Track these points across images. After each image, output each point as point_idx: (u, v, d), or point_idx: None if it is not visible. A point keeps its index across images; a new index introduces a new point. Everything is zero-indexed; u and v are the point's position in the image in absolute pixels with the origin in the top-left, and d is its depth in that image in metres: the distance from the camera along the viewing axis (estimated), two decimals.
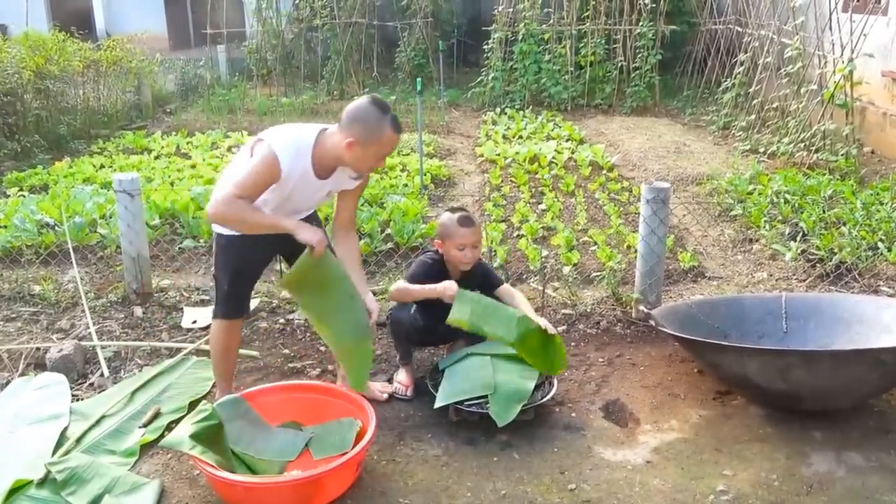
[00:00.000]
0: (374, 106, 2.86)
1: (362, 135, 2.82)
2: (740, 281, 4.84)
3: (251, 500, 2.72)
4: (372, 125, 2.83)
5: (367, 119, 2.84)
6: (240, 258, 3.10)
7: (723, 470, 2.96)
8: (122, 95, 10.47)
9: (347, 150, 2.84)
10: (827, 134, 7.54)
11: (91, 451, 3.10)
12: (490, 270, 3.71)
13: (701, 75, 11.94)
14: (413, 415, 3.35)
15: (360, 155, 2.86)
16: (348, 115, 2.86)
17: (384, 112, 2.86)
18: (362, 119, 2.83)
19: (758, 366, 3.10)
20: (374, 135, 2.84)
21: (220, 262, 3.12)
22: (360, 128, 2.83)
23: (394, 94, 11.88)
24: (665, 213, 4.05)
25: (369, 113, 2.84)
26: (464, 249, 3.42)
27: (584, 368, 3.76)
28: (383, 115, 2.85)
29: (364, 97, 2.92)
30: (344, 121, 2.86)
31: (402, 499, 2.81)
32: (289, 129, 2.98)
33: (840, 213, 5.64)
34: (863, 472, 2.93)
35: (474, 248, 3.45)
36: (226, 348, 3.26)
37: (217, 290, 3.18)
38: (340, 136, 2.86)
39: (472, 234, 3.42)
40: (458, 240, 3.41)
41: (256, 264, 3.24)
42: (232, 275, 3.12)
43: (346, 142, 2.83)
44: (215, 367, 3.33)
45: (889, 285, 4.66)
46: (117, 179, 4.22)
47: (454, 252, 3.44)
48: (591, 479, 2.92)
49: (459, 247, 3.42)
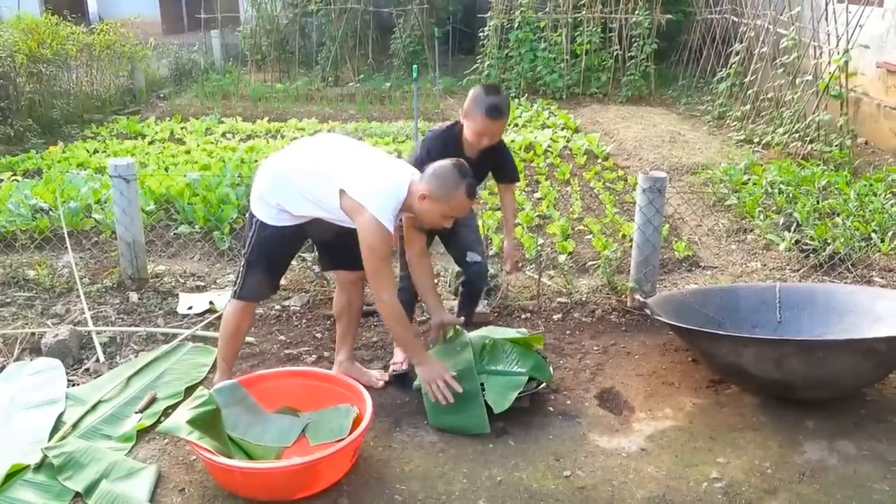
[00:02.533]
0: (455, 168, 2.97)
1: (437, 191, 2.93)
2: (734, 270, 4.86)
3: (249, 486, 2.72)
4: (449, 184, 2.94)
5: (445, 177, 2.94)
6: (282, 248, 3.20)
7: (716, 457, 2.98)
8: (115, 80, 10.42)
9: (419, 200, 2.95)
10: (821, 125, 7.55)
11: (87, 437, 3.10)
12: (509, 162, 3.60)
13: (696, 65, 11.94)
14: (409, 402, 3.36)
15: (428, 208, 2.97)
16: (430, 170, 2.98)
17: (463, 176, 2.96)
18: (441, 176, 2.95)
19: (753, 355, 3.12)
20: (447, 194, 2.94)
21: (259, 249, 3.14)
22: (437, 184, 2.94)
23: (389, 81, 11.85)
24: (661, 202, 4.06)
25: (450, 174, 2.95)
26: (482, 138, 3.33)
27: (580, 357, 3.78)
28: (462, 178, 2.95)
29: (449, 161, 3.02)
30: (426, 174, 2.98)
31: (398, 485, 2.82)
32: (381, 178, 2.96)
33: (834, 203, 5.67)
34: (855, 460, 2.96)
35: (493, 137, 3.35)
36: (237, 329, 3.28)
37: (246, 272, 3.19)
38: (418, 186, 2.97)
39: (495, 126, 3.31)
40: (478, 126, 3.30)
41: (293, 252, 3.39)
42: (271, 262, 3.20)
43: (420, 193, 2.94)
44: (221, 349, 3.34)
45: (882, 276, 4.69)
46: (112, 164, 4.20)
47: (470, 134, 3.35)
48: (586, 466, 2.94)
49: (478, 133, 3.31)
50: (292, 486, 2.72)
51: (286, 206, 3.05)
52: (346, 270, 3.33)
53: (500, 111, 3.27)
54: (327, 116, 9.77)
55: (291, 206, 3.05)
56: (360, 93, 11.16)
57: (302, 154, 3.13)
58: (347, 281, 3.37)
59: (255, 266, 3.16)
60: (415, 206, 2.98)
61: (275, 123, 9.05)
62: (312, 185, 2.99)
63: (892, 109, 7.85)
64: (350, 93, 11.31)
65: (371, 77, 12.33)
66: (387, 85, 11.60)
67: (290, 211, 3.06)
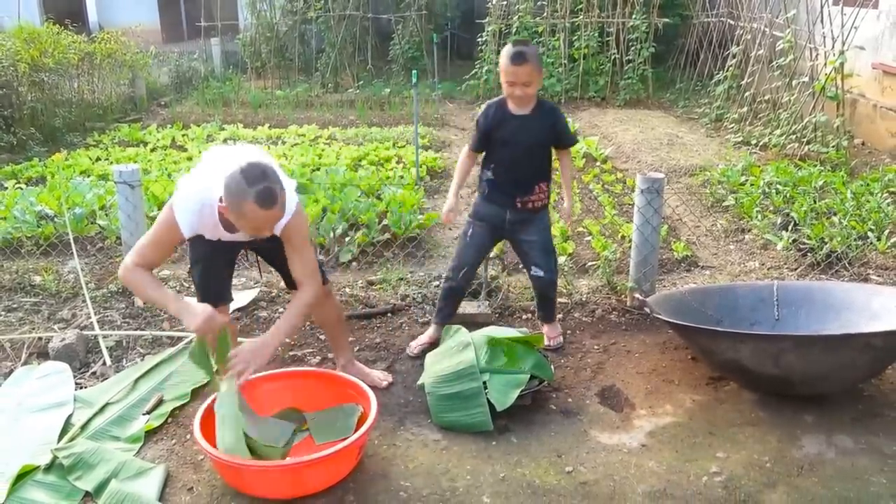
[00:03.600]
0: (241, 175, 2.58)
1: (229, 203, 2.64)
2: (732, 270, 4.92)
3: (257, 484, 2.76)
4: (234, 197, 2.60)
5: (230, 189, 2.61)
6: (202, 256, 3.15)
7: (716, 452, 3.03)
8: (116, 88, 10.48)
9: (226, 212, 2.71)
10: (818, 126, 7.62)
11: (96, 438, 3.15)
12: (563, 125, 3.70)
13: (693, 68, 12.01)
14: (412, 401, 3.41)
15: (234, 220, 2.70)
16: (226, 178, 2.63)
17: (250, 185, 2.56)
18: (229, 187, 2.61)
19: (751, 351, 3.17)
20: (236, 207, 2.62)
21: (191, 254, 3.21)
22: (227, 195, 2.63)
23: (388, 87, 11.92)
24: (659, 202, 4.11)
25: (235, 181, 2.59)
26: (513, 86, 3.46)
27: (580, 355, 3.82)
28: (248, 187, 2.56)
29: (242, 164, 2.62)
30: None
31: (403, 481, 2.87)
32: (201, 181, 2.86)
33: (831, 203, 5.72)
34: (853, 453, 3.01)
35: (525, 87, 3.46)
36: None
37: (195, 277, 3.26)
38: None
39: (519, 73, 3.43)
40: (505, 75, 3.47)
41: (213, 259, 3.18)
42: (200, 266, 3.19)
43: (221, 205, 2.73)
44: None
45: (879, 274, 4.75)
46: (117, 171, 4.26)
47: (504, 88, 3.52)
48: (588, 461, 2.99)
49: (507, 81, 3.47)
50: (299, 483, 2.76)
51: None
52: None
53: (522, 56, 3.42)
54: (327, 122, 9.84)
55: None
56: (359, 99, 11.23)
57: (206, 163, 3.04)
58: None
59: (192, 269, 3.23)
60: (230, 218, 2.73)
61: (276, 130, 9.11)
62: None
63: (889, 110, 7.91)
64: (350, 99, 11.37)
65: (370, 83, 12.39)
66: (386, 91, 11.66)
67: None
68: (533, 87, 3.49)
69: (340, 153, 7.61)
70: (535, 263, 3.76)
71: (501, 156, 3.64)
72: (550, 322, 3.95)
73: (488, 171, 3.69)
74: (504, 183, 3.66)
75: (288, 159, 7.25)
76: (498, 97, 3.66)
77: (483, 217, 3.75)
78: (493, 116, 3.61)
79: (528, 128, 3.58)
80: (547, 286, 3.81)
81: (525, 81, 3.45)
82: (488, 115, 3.63)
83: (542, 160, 3.69)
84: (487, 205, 3.73)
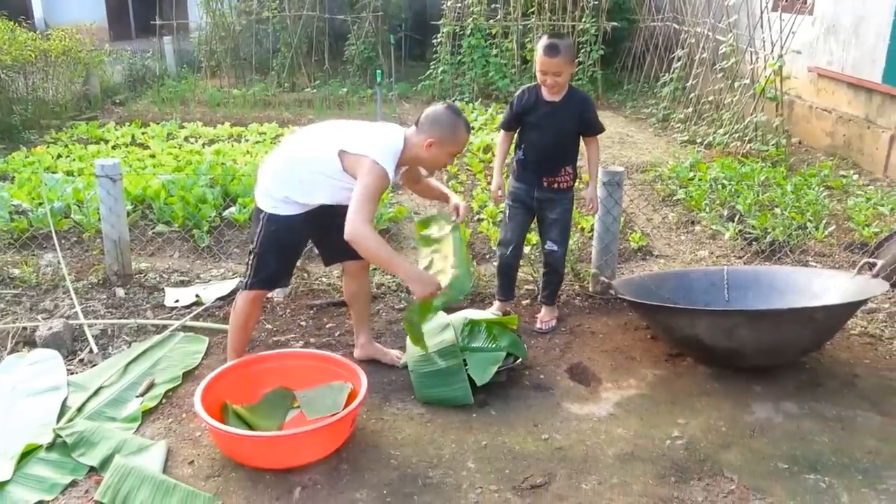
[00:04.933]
0: (450, 111, 3.25)
1: (441, 135, 3.20)
2: (684, 258, 5.25)
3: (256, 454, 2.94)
4: (449, 126, 3.22)
5: (445, 122, 3.22)
6: (290, 238, 3.38)
7: (677, 419, 3.32)
8: (70, 86, 10.39)
9: (426, 149, 3.22)
10: (759, 125, 8.05)
11: (93, 419, 3.27)
12: (591, 113, 3.99)
13: (641, 70, 12.43)
14: (395, 380, 3.62)
15: (436, 153, 3.24)
16: (427, 118, 3.23)
17: (458, 115, 3.25)
18: (441, 122, 3.21)
19: (706, 326, 3.47)
20: (451, 135, 3.23)
21: (267, 241, 3.33)
22: (439, 129, 3.20)
23: (345, 87, 12.06)
24: (619, 194, 4.41)
25: (447, 116, 3.23)
26: (545, 76, 3.77)
27: (549, 336, 4.09)
28: (458, 117, 3.25)
29: (440, 104, 3.31)
30: (423, 124, 3.23)
31: (392, 451, 3.08)
32: (377, 134, 3.24)
33: (772, 196, 6.13)
34: (798, 418, 3.33)
35: (556, 77, 3.77)
36: (247, 320, 3.49)
37: (256, 265, 3.38)
38: (419, 138, 3.22)
39: (551, 64, 3.74)
40: (538, 64, 3.79)
41: (302, 242, 3.58)
42: (280, 253, 3.39)
43: (426, 142, 3.20)
44: (231, 340, 3.55)
45: (817, 260, 5.14)
46: (99, 165, 4.37)
47: (538, 74, 3.83)
48: (562, 429, 3.25)
49: (540, 70, 3.79)
50: (296, 453, 2.95)
51: (292, 195, 3.25)
52: (352, 260, 3.53)
53: (554, 48, 3.74)
54: (287, 121, 9.95)
55: (297, 194, 3.25)
56: (317, 98, 11.35)
57: (297, 140, 3.37)
58: (354, 269, 3.61)
59: (265, 258, 3.36)
60: (422, 155, 3.24)
61: (236, 128, 9.19)
62: (313, 157, 3.21)
63: (824, 111, 8.40)
64: (307, 98, 11.48)
65: (326, 83, 12.52)
66: (343, 91, 11.81)
67: (296, 199, 3.27)
68: (563, 77, 3.81)
69: None
70: (552, 239, 4.09)
71: (531, 138, 3.97)
72: (550, 304, 4.23)
73: (520, 152, 4.04)
74: (532, 163, 3.99)
75: (252, 156, 7.37)
76: (534, 83, 3.97)
77: (515, 198, 4.09)
78: (527, 100, 3.95)
79: (557, 114, 3.90)
80: (558, 260, 4.13)
81: (556, 72, 3.77)
82: (522, 98, 3.97)
83: (569, 145, 4.01)
84: (517, 184, 4.07)
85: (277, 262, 3.41)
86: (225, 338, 3.96)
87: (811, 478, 2.92)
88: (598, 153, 4.14)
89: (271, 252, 3.36)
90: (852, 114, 7.85)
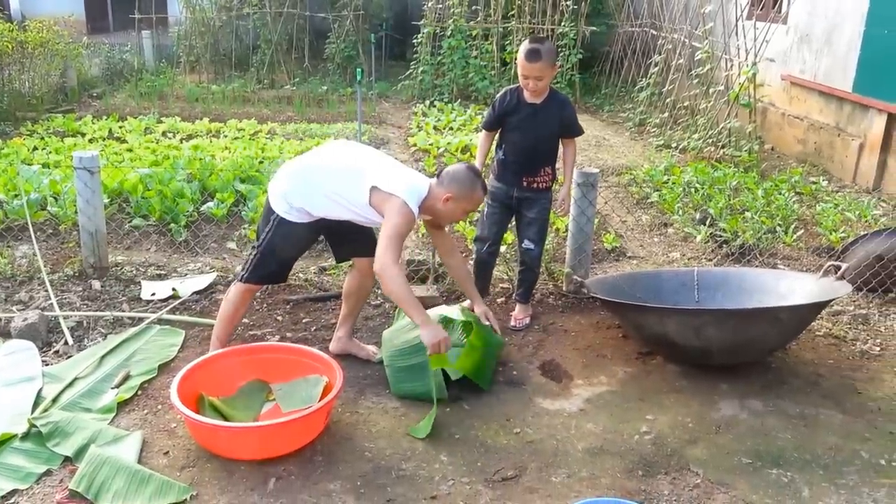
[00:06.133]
0: (470, 171, 3.43)
1: (459, 192, 3.37)
2: (657, 260, 5.35)
3: (232, 445, 2.97)
4: (468, 186, 3.39)
5: (464, 181, 3.38)
6: (297, 242, 3.50)
7: (646, 415, 3.40)
8: (47, 78, 10.31)
9: (443, 203, 3.36)
10: (732, 131, 8.19)
11: (68, 410, 3.27)
12: (571, 116, 4.05)
13: (618, 75, 12.57)
14: (370, 374, 3.66)
15: (452, 208, 3.40)
16: (449, 174, 3.41)
17: (478, 177, 3.44)
18: (461, 180, 3.38)
19: (676, 324, 3.56)
20: (468, 193, 3.39)
21: (274, 241, 3.42)
22: (458, 187, 3.37)
23: (324, 85, 12.07)
24: (594, 195, 4.49)
25: (467, 177, 3.40)
26: (526, 79, 3.84)
27: (522, 334, 4.16)
28: (477, 179, 3.42)
29: (462, 164, 3.50)
30: (444, 178, 3.40)
31: (367, 443, 3.13)
32: (406, 175, 3.40)
33: (744, 200, 6.26)
34: (762, 415, 3.42)
35: (537, 81, 3.84)
36: (236, 311, 3.59)
37: (258, 261, 3.47)
38: (439, 190, 3.37)
39: (532, 69, 3.81)
40: (520, 68, 3.86)
41: (306, 247, 3.70)
42: (284, 255, 3.50)
43: (444, 196, 3.35)
44: (217, 329, 3.62)
45: (785, 263, 5.26)
46: (77, 157, 4.37)
47: (520, 78, 3.91)
48: (533, 424, 3.31)
49: (522, 74, 3.86)
50: (271, 444, 2.98)
51: (308, 208, 3.36)
52: (364, 257, 3.60)
53: (536, 53, 3.81)
54: (266, 118, 9.95)
55: (314, 208, 3.36)
56: (296, 95, 11.36)
57: (327, 154, 3.48)
58: (365, 266, 3.62)
59: (268, 257, 3.45)
60: (438, 207, 3.38)
61: (215, 124, 9.18)
62: (339, 183, 3.31)
63: (795, 118, 8.56)
64: (287, 95, 11.49)
65: (306, 80, 12.52)
66: (323, 88, 11.82)
67: (311, 212, 3.37)
68: (544, 81, 3.89)
69: (283, 147, 7.78)
70: (529, 238, 4.16)
71: (513, 139, 4.05)
72: (524, 303, 4.30)
73: (500, 152, 4.11)
74: (513, 163, 4.07)
75: (231, 152, 7.37)
76: (515, 85, 4.04)
77: (495, 196, 4.16)
78: (508, 102, 4.02)
79: (538, 116, 3.97)
80: (534, 259, 4.20)
81: (537, 76, 3.84)
82: (504, 100, 4.04)
83: (548, 146, 4.09)
84: (497, 183, 4.15)
85: (279, 262, 3.53)
86: (202, 331, 4.00)
87: (774, 472, 3.00)
88: (575, 155, 4.22)
89: (275, 253, 3.46)
90: (823, 122, 8.01)
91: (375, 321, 4.24)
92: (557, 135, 4.08)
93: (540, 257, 4.25)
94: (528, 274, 4.25)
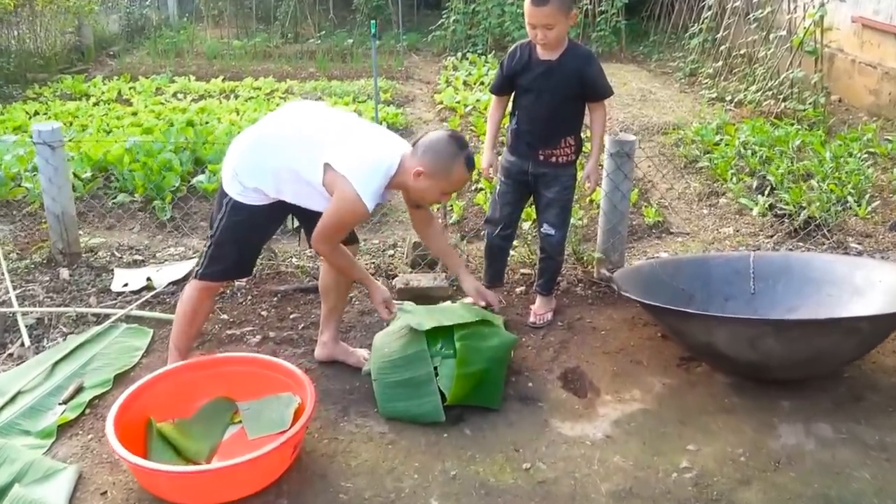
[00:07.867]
0: (451, 140, 2.78)
1: (433, 167, 2.74)
2: (706, 237, 4.66)
3: (175, 489, 2.47)
4: (445, 158, 2.75)
5: (441, 152, 2.75)
6: (255, 229, 2.93)
7: (686, 444, 2.79)
8: (61, 37, 9.85)
9: (414, 178, 2.76)
10: (795, 82, 7.36)
11: (4, 433, 2.85)
12: (595, 73, 3.36)
13: (668, 20, 11.62)
14: (358, 387, 3.11)
15: (424, 186, 2.79)
16: (423, 144, 2.79)
17: (461, 148, 2.78)
18: (437, 151, 2.76)
19: (726, 335, 2.91)
20: (445, 169, 2.76)
21: (231, 228, 2.86)
22: (432, 159, 2.74)
23: (351, 38, 11.40)
24: (630, 167, 3.82)
25: (446, 147, 2.76)
26: (534, 29, 3.20)
27: (543, 333, 3.55)
28: (459, 151, 2.77)
29: (443, 129, 2.86)
30: (419, 148, 2.78)
31: (343, 482, 2.59)
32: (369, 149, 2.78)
33: (809, 165, 5.46)
34: (833, 444, 2.79)
35: (546, 30, 3.18)
36: (194, 314, 3.02)
37: (212, 253, 2.92)
38: (412, 162, 2.77)
39: (538, 13, 3.15)
40: (527, 16, 3.20)
41: (269, 233, 3.14)
42: (242, 244, 2.94)
43: (414, 170, 2.74)
44: (175, 335, 3.06)
45: (859, 241, 4.51)
46: (36, 130, 3.86)
47: (528, 30, 3.25)
48: (547, 456, 2.73)
49: (528, 24, 3.21)
50: (224, 489, 2.47)
51: (262, 187, 2.78)
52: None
53: None
54: (285, 75, 9.37)
55: (268, 187, 2.79)
56: (320, 50, 10.72)
57: (283, 120, 2.87)
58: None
59: (224, 247, 2.89)
60: (409, 184, 2.79)
61: (230, 83, 8.63)
62: (294, 155, 2.73)
63: (867, 65, 7.67)
64: (310, 50, 10.86)
65: (333, 33, 11.85)
66: (349, 41, 11.15)
67: (266, 192, 2.80)
68: (556, 31, 3.19)
69: None
70: (548, 221, 3.53)
71: (525, 103, 3.40)
72: (545, 295, 3.68)
73: (513, 120, 3.47)
74: (527, 133, 3.42)
75: (240, 115, 6.81)
76: (528, 38, 3.35)
77: (508, 172, 3.53)
78: (518, 59, 3.35)
79: (553, 75, 3.29)
80: (555, 246, 3.57)
81: (546, 24, 3.15)
82: (514, 57, 3.37)
83: (569, 111, 3.40)
84: (510, 157, 3.52)
85: (238, 253, 2.94)
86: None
87: None
88: (605, 121, 3.51)
89: (232, 242, 2.89)
90: None
91: (373, 316, 3.67)
92: (580, 97, 3.38)
93: (562, 243, 3.61)
94: (548, 263, 3.62)
